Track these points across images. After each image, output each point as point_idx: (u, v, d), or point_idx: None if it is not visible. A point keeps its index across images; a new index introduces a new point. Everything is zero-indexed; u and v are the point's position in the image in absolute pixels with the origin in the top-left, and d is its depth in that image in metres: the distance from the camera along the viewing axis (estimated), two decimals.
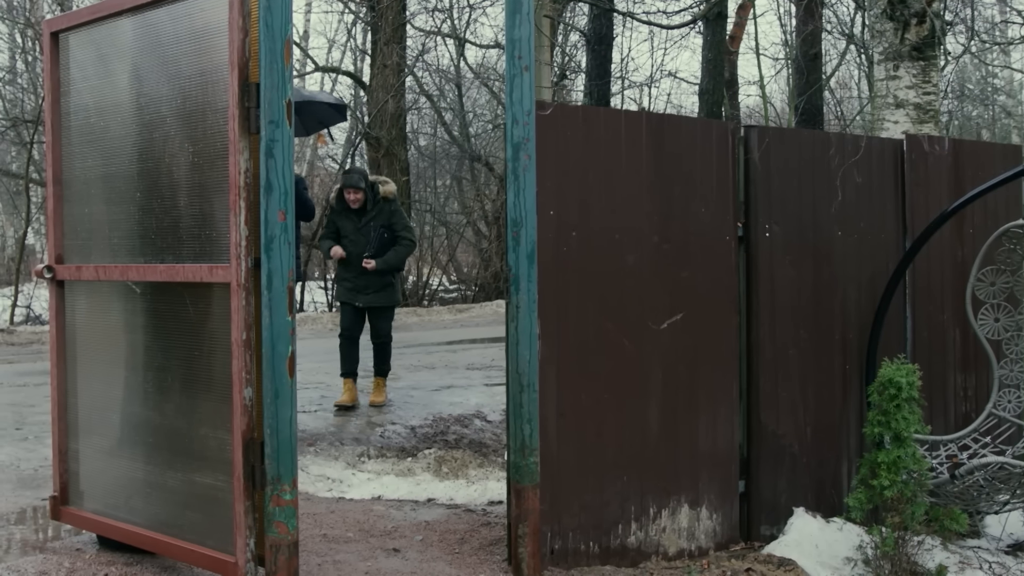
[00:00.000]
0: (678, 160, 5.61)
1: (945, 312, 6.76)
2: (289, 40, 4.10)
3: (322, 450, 7.92)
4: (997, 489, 5.75)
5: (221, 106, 4.28)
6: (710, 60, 16.48)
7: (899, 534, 5.42)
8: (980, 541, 6.39)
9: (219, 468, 4.42)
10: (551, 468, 5.16)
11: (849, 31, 19.19)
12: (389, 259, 9.02)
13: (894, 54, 7.50)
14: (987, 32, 22.71)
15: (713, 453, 5.78)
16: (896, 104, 7.53)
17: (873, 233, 6.40)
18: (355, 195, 8.85)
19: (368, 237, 9.06)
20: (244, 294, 4.20)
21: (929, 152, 6.69)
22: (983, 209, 6.84)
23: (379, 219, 9.05)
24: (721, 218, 5.81)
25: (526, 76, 4.85)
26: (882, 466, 5.54)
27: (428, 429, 8.78)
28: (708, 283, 5.75)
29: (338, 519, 5.91)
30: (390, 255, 9.03)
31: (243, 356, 4.21)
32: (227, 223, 4.24)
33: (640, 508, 5.52)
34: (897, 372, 5.61)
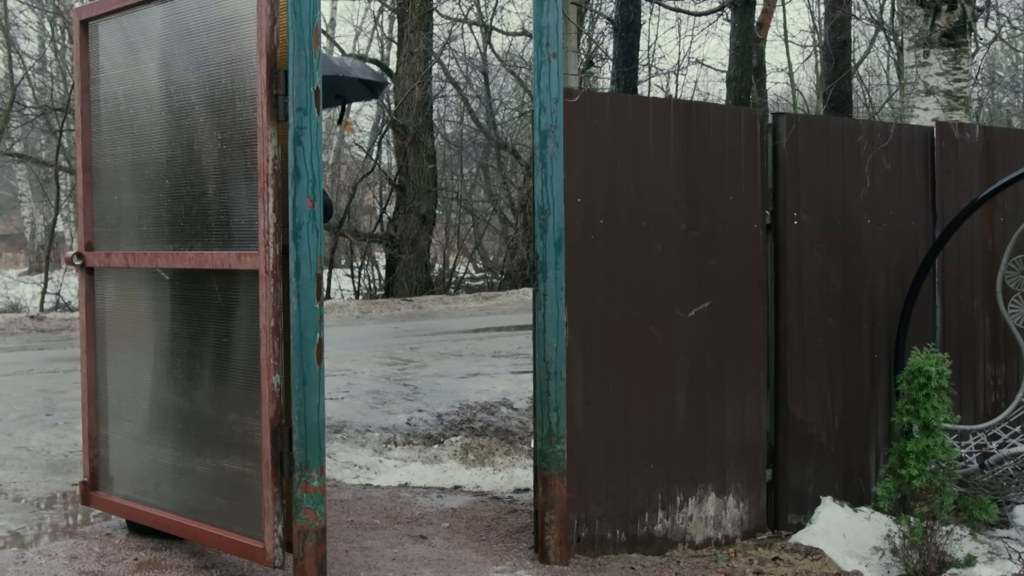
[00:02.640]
0: (706, 147, 5.59)
1: (975, 300, 6.71)
2: (317, 27, 4.11)
3: (349, 437, 7.96)
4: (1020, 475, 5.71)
5: (249, 93, 4.29)
6: (738, 47, 16.40)
7: (927, 524, 5.39)
8: (1009, 531, 6.34)
9: (247, 454, 4.44)
10: (578, 456, 5.15)
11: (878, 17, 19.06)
12: None
13: (924, 40, 7.44)
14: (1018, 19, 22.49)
15: (740, 442, 5.76)
16: (926, 91, 7.47)
17: (903, 221, 6.36)
18: None
19: None
20: (272, 281, 4.21)
21: (959, 139, 6.63)
22: (1014, 197, 6.77)
23: None
24: (749, 206, 5.78)
25: (554, 63, 4.84)
26: (911, 455, 5.51)
27: (455, 417, 8.80)
28: (736, 271, 5.73)
29: (365, 506, 5.93)
30: None
31: (271, 343, 4.23)
32: (255, 210, 4.25)
33: (667, 496, 5.51)
34: (927, 361, 5.58)
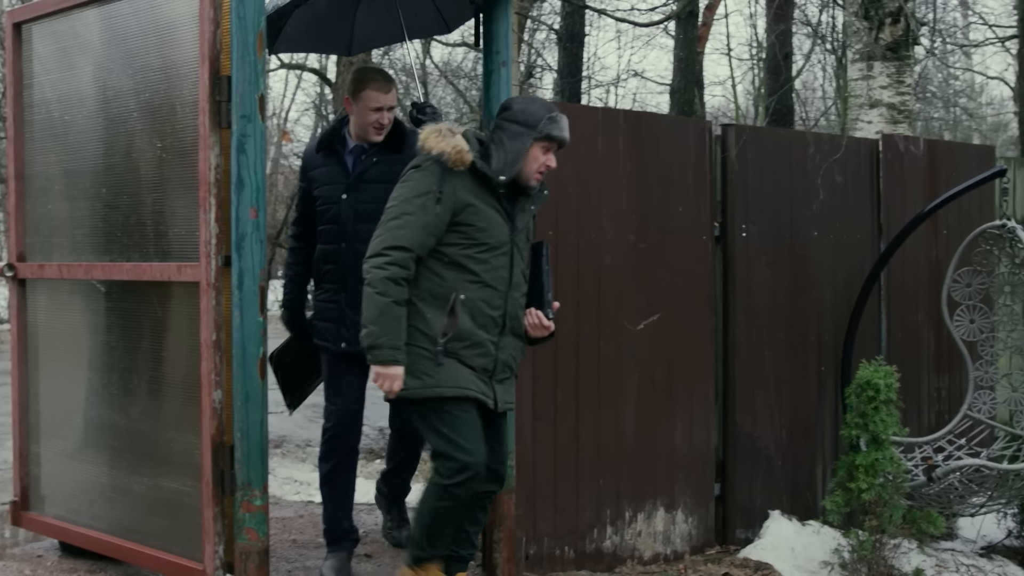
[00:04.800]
0: (655, 158, 5.54)
1: (919, 313, 6.72)
2: (262, 32, 3.99)
3: (289, 452, 7.81)
4: (973, 491, 5.71)
5: (190, 100, 4.15)
6: (681, 59, 16.43)
7: (876, 537, 5.37)
8: (955, 543, 6.36)
9: (187, 473, 4.29)
10: (526, 472, 5.06)
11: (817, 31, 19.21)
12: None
13: (868, 54, 7.47)
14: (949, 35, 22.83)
15: (689, 456, 5.71)
16: (871, 104, 7.50)
17: (849, 233, 6.35)
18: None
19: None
20: (214, 294, 4.07)
21: (904, 152, 6.65)
22: (957, 210, 6.80)
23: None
24: (698, 218, 5.74)
25: (504, 72, 4.77)
26: (860, 469, 5.49)
27: None
28: (685, 284, 5.68)
29: (307, 523, 5.79)
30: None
31: (212, 358, 4.09)
32: (196, 220, 4.11)
33: (616, 512, 5.44)
34: (875, 374, 5.57)
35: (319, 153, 4.88)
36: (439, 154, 4.03)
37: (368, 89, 4.71)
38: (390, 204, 4.06)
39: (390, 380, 3.96)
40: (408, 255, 3.98)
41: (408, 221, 3.98)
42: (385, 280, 3.94)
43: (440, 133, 4.08)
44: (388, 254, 3.96)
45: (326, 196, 4.79)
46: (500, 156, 4.12)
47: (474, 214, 4.08)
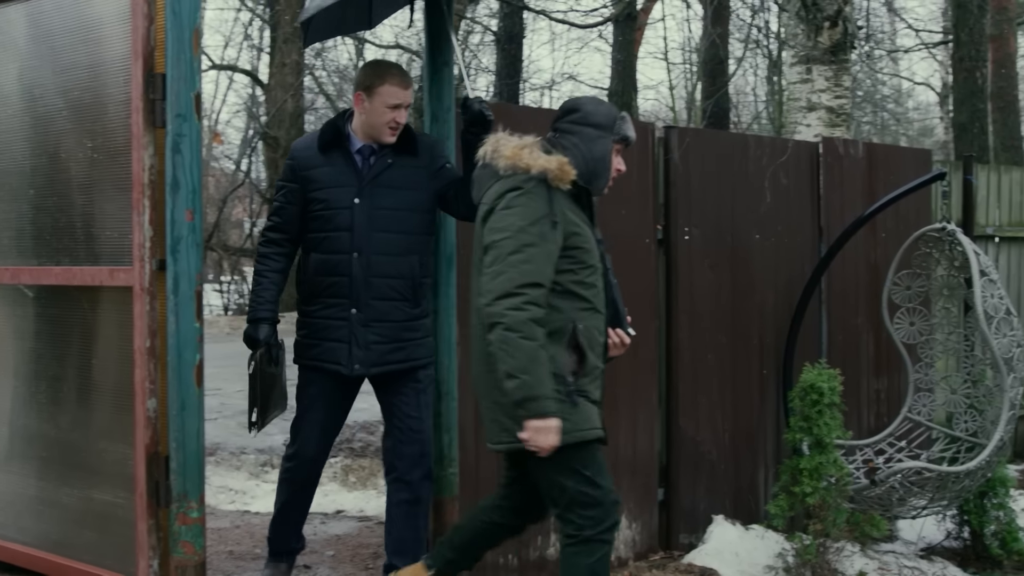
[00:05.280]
0: None
1: (859, 316, 6.74)
2: (198, 29, 3.85)
3: (223, 460, 7.63)
4: (914, 493, 5.72)
5: (122, 98, 4.00)
6: (619, 62, 16.44)
7: (820, 541, 5.36)
8: (894, 545, 6.39)
9: (119, 484, 4.14)
10: (470, 480, 4.97)
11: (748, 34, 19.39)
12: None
13: (807, 57, 7.48)
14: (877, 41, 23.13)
15: (633, 461, 5.65)
16: (809, 107, 7.51)
17: (790, 236, 6.35)
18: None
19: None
20: (148, 299, 3.93)
21: (844, 155, 6.67)
22: (895, 214, 6.83)
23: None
24: (641, 220, 5.69)
25: (446, 72, 4.68)
26: (804, 472, 5.47)
27: None
28: (628, 287, 5.56)
29: (244, 534, 5.65)
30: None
31: (147, 365, 3.95)
32: (129, 223, 3.97)
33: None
34: (819, 377, 5.56)
35: (320, 151, 4.39)
36: (541, 172, 3.69)
37: (387, 84, 4.32)
38: (499, 236, 3.65)
39: (551, 434, 3.60)
40: (542, 292, 3.62)
41: (533, 254, 3.61)
42: (528, 323, 3.55)
43: (530, 148, 3.74)
44: (524, 292, 3.58)
45: (332, 200, 4.34)
46: (582, 164, 3.79)
47: (579, 235, 3.77)
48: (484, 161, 3.88)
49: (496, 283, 3.60)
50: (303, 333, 4.46)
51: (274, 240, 4.45)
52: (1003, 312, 5.65)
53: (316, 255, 4.39)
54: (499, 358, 3.59)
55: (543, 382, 3.58)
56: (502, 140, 3.85)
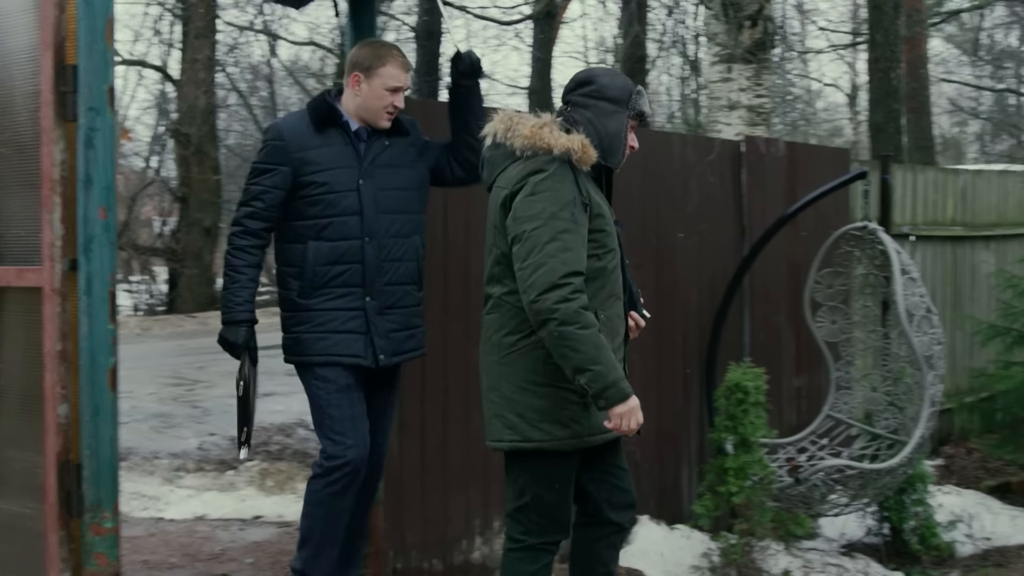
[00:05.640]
0: None
1: (780, 315, 6.76)
2: (111, 19, 3.69)
3: (136, 464, 7.43)
4: (836, 491, 5.74)
5: (32, 90, 3.82)
6: (539, 60, 16.41)
7: (746, 540, 5.35)
8: (817, 543, 6.40)
9: (27, 494, 3.95)
10: (393, 484, 4.86)
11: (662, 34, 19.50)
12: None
13: (728, 56, 7.49)
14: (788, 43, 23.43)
15: None
16: (730, 106, 7.52)
17: (713, 235, 6.34)
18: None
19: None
20: (59, 300, 3.75)
21: (766, 154, 6.68)
22: (815, 212, 6.86)
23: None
24: None
25: None
26: (730, 472, 5.46)
27: None
28: None
29: (159, 542, 5.48)
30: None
31: (57, 369, 3.77)
32: (39, 221, 3.79)
33: (484, 522, 5.28)
34: (744, 376, 5.55)
35: (315, 130, 4.10)
36: (564, 152, 3.51)
37: (388, 65, 4.12)
38: (531, 225, 3.46)
39: (634, 414, 3.45)
40: (583, 279, 3.45)
41: (569, 240, 3.44)
42: (580, 312, 3.38)
43: (549, 127, 3.55)
44: (569, 281, 3.40)
45: (334, 183, 4.09)
46: (596, 141, 3.61)
47: (602, 217, 3.61)
48: (495, 140, 3.69)
49: (538, 276, 3.43)
50: (302, 328, 4.11)
51: (253, 231, 4.07)
52: (923, 310, 5.70)
53: (318, 243, 4.09)
54: (561, 355, 3.43)
55: (614, 366, 3.45)
56: (516, 118, 3.67)
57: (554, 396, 3.56)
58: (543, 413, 3.56)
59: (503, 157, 3.69)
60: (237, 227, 4.09)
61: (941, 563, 6.29)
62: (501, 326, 3.69)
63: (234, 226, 4.12)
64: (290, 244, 4.13)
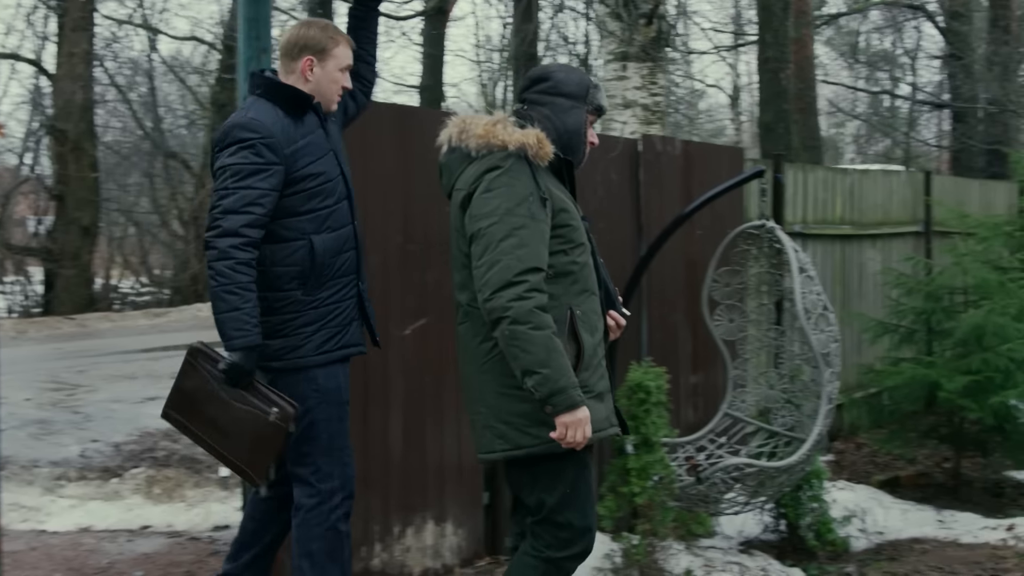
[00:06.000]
0: (424, 156, 5.25)
1: (677, 313, 6.76)
2: None
3: (14, 474, 7.12)
4: (737, 489, 5.75)
5: None
6: (430, 57, 16.26)
7: (649, 541, 5.32)
8: (715, 541, 6.41)
9: None
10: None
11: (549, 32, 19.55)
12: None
13: (623, 55, 7.48)
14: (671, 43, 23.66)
15: (459, 466, 5.49)
16: (624, 104, 7.51)
17: (611, 234, 6.29)
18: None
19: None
20: None
21: (662, 152, 6.68)
22: (711, 211, 6.86)
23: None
24: None
25: (264, 59, 4.38)
26: (632, 472, 5.42)
27: (134, 446, 8.10)
28: (449, 282, 5.45)
29: (42, 556, 5.23)
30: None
31: None
32: None
33: (384, 528, 5.16)
34: (645, 376, 5.53)
35: (293, 120, 3.86)
36: (519, 147, 3.42)
37: (341, 45, 3.97)
38: (486, 222, 3.36)
39: (582, 426, 3.33)
40: (541, 276, 3.34)
41: (525, 236, 3.34)
42: (534, 312, 3.27)
43: (503, 123, 3.47)
44: (524, 279, 3.30)
45: (327, 171, 3.92)
46: (555, 138, 3.54)
47: (567, 212, 3.52)
48: (451, 145, 3.62)
49: (492, 274, 3.34)
50: (311, 328, 3.86)
51: (254, 241, 3.70)
52: (820, 308, 5.74)
53: (323, 235, 3.88)
54: (512, 355, 3.33)
55: (565, 371, 3.33)
56: (469, 120, 3.58)
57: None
58: (528, 416, 3.46)
59: (459, 160, 3.62)
60: (235, 238, 3.66)
61: (837, 558, 6.35)
62: (475, 334, 3.59)
63: (229, 237, 3.66)
64: (286, 243, 3.83)
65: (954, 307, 7.73)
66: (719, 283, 6.30)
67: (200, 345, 3.86)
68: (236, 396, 3.72)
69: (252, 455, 3.74)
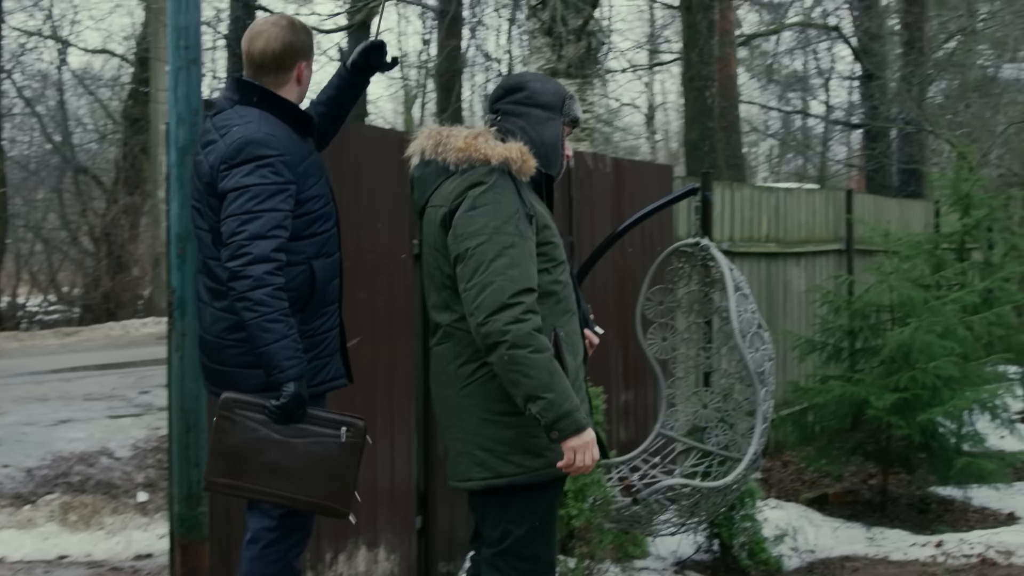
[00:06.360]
0: (356, 171, 5.15)
1: (609, 331, 6.68)
2: None
3: None
4: (672, 510, 5.69)
5: None
6: None
7: (586, 564, 5.23)
8: (648, 562, 6.38)
9: None
10: (220, 518, 4.51)
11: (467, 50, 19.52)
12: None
13: (552, 71, 7.42)
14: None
15: (391, 489, 5.35)
16: None
17: None
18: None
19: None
20: None
21: (594, 170, 6.62)
22: (641, 229, 6.83)
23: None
24: (397, 235, 5.42)
25: (194, 69, 4.21)
26: (569, 494, 5.33)
27: (48, 470, 7.77)
28: (385, 305, 5.33)
29: None
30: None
31: None
32: None
33: (316, 555, 4.99)
34: None
35: (298, 136, 3.69)
36: (503, 162, 3.29)
37: (312, 45, 3.82)
38: (474, 241, 3.21)
39: (590, 449, 3.23)
40: (535, 296, 3.20)
41: (516, 255, 3.21)
42: (533, 334, 3.14)
43: (484, 136, 3.33)
44: (520, 300, 3.16)
45: (326, 193, 3.76)
46: (533, 150, 3.39)
47: (549, 229, 3.39)
48: (424, 158, 3.47)
49: (486, 297, 3.20)
50: (308, 356, 3.63)
51: (283, 266, 3.49)
52: (755, 327, 5.71)
53: (321, 260, 3.72)
54: (512, 381, 3.18)
55: (569, 394, 3.21)
56: (446, 132, 3.44)
57: (521, 424, 3.33)
58: (512, 444, 3.33)
59: (435, 174, 3.48)
60: (268, 263, 3.43)
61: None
62: (456, 356, 3.45)
63: (262, 263, 3.43)
64: (288, 267, 3.57)
65: (881, 325, 7.79)
66: (652, 301, 6.25)
67: (233, 395, 3.60)
68: (294, 432, 3.50)
69: (331, 487, 3.57)
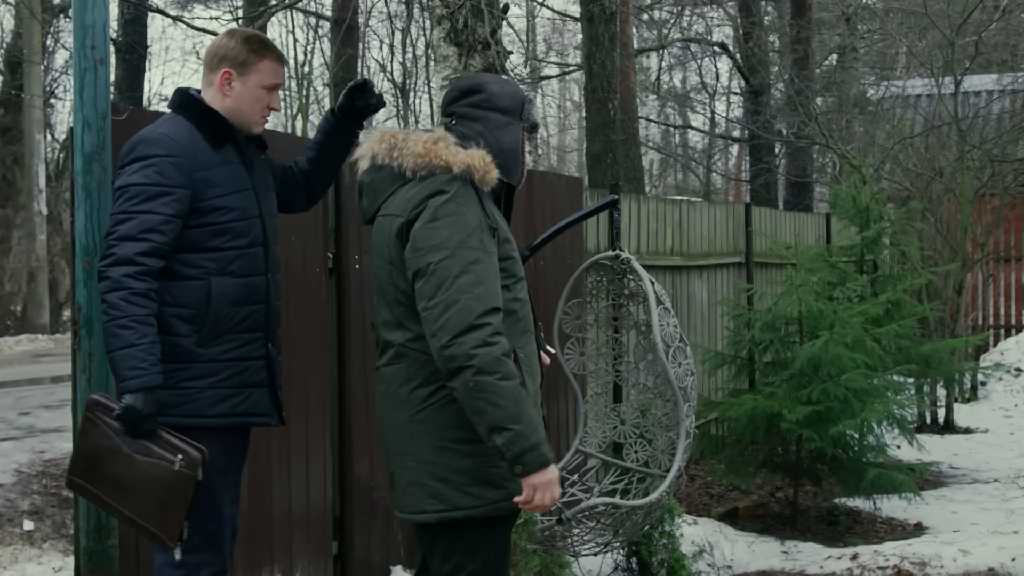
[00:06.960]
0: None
1: None
2: None
3: None
4: (597, 531, 5.54)
5: None
6: None
7: None
8: None
9: None
10: (128, 550, 4.22)
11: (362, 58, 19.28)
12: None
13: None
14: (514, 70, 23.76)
15: (306, 514, 5.11)
16: None
17: None
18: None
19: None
20: None
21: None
22: (553, 243, 6.69)
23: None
24: (311, 247, 5.18)
25: (101, 71, 3.93)
26: None
27: None
28: (299, 319, 5.08)
29: None
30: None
31: None
32: None
33: None
34: None
35: (212, 145, 3.48)
36: (464, 170, 3.06)
37: (267, 59, 3.54)
38: (436, 256, 2.98)
39: (552, 487, 2.99)
40: (501, 316, 2.96)
41: (481, 272, 2.98)
42: (501, 360, 2.90)
43: (444, 141, 3.09)
44: (487, 322, 2.93)
45: (241, 207, 3.51)
46: (493, 157, 3.17)
47: (510, 243, 3.15)
48: (376, 163, 3.22)
49: (450, 317, 2.96)
50: (201, 384, 3.45)
51: (152, 271, 3.31)
52: (678, 341, 5.61)
53: (226, 279, 3.48)
54: (476, 409, 2.93)
55: (536, 426, 2.99)
56: (400, 135, 3.19)
57: (481, 453, 3.11)
58: (470, 475, 3.10)
59: (389, 180, 3.24)
60: (130, 266, 3.28)
61: None
62: (409, 378, 3.22)
63: (123, 265, 3.28)
64: (182, 280, 3.43)
65: (789, 337, 7.79)
66: (570, 315, 6.11)
67: (99, 396, 3.40)
68: (139, 448, 3.29)
69: (163, 513, 3.32)
